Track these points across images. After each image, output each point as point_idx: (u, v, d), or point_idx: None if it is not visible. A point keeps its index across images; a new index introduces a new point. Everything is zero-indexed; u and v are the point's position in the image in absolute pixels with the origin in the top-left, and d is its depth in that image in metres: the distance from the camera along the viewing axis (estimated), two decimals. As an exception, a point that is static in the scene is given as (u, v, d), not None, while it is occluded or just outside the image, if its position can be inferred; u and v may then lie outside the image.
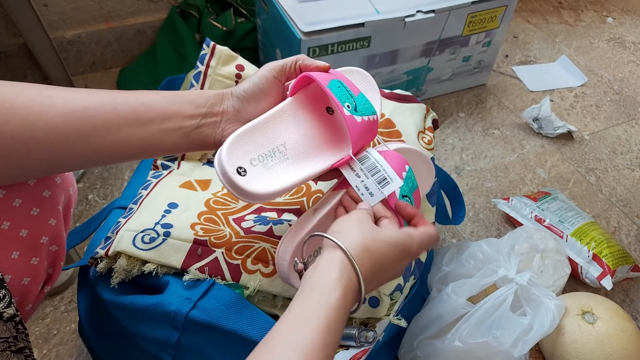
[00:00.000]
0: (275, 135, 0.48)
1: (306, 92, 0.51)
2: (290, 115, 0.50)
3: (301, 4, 0.97)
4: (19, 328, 0.42)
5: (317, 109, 0.52)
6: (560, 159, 1.11)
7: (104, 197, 0.97)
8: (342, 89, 0.49)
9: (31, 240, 0.45)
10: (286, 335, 0.35)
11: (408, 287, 0.59)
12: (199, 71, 0.65)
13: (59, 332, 0.77)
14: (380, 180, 0.49)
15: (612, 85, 1.33)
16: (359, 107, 0.50)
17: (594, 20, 1.57)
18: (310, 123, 0.51)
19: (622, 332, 0.67)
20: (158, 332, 0.51)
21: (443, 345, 0.63)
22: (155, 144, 0.44)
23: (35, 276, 0.46)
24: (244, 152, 0.45)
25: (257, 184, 0.44)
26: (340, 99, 0.48)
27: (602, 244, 0.83)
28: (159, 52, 1.18)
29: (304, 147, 0.50)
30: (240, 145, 0.45)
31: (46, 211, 0.47)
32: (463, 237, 0.94)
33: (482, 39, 1.14)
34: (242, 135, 0.45)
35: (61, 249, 0.50)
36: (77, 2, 1.13)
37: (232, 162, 0.44)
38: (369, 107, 0.51)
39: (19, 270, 0.44)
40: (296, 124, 0.50)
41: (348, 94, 0.49)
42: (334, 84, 0.49)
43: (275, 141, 0.48)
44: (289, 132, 0.49)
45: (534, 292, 0.66)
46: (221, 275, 0.53)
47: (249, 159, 0.45)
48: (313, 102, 0.52)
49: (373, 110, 0.51)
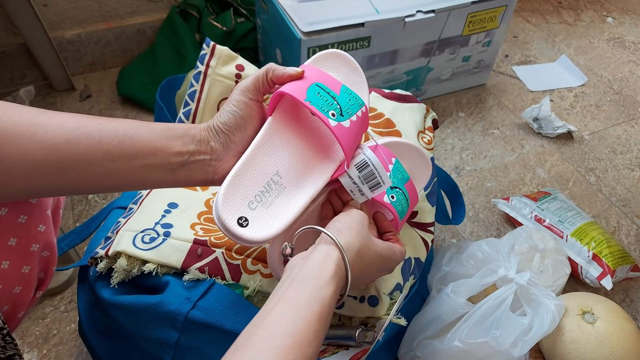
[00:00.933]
0: (266, 166, 0.45)
1: (284, 104, 0.49)
2: (276, 138, 0.47)
3: (301, 4, 0.97)
4: (7, 339, 0.42)
5: (299, 117, 0.50)
6: (560, 159, 1.11)
7: (104, 197, 0.97)
8: (322, 93, 0.46)
9: (21, 248, 0.44)
10: (280, 322, 0.35)
11: (408, 286, 0.59)
12: (199, 71, 0.65)
13: (59, 332, 0.77)
14: (373, 186, 0.49)
15: (612, 85, 1.33)
16: (345, 108, 0.47)
17: (593, 20, 1.57)
18: (297, 137, 0.49)
19: (622, 332, 0.67)
20: (158, 332, 0.51)
21: (443, 345, 0.63)
22: (137, 178, 0.43)
23: (27, 284, 0.45)
24: (240, 198, 0.43)
25: (263, 229, 0.43)
26: (323, 108, 0.46)
27: (602, 243, 0.83)
28: (158, 52, 1.18)
29: (297, 167, 0.47)
30: (234, 193, 0.43)
31: (34, 218, 0.45)
32: (463, 237, 0.94)
33: (482, 38, 1.14)
34: (233, 181, 0.43)
35: (52, 253, 0.49)
36: (77, 2, 1.13)
37: (231, 214, 0.42)
38: (354, 101, 0.48)
39: (9, 280, 0.43)
40: (284, 145, 0.47)
41: (330, 98, 0.47)
42: (312, 92, 0.46)
43: (267, 173, 0.45)
44: (278, 157, 0.46)
45: (533, 292, 0.66)
46: (221, 275, 0.53)
47: (246, 204, 0.43)
48: (294, 111, 0.50)
49: (360, 102, 0.49)
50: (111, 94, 1.19)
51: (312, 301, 0.37)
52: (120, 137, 0.41)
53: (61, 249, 0.62)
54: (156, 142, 0.42)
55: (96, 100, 1.17)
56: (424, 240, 0.64)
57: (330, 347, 0.56)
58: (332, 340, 0.56)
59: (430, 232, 0.65)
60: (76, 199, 0.96)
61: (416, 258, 0.61)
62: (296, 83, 0.47)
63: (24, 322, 0.78)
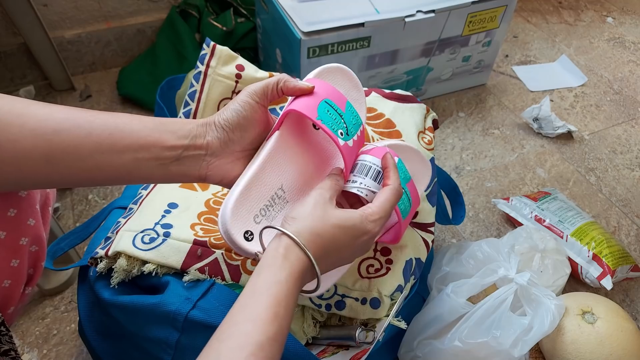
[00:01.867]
0: (272, 181, 0.46)
1: (291, 118, 0.49)
2: (282, 154, 0.48)
3: (301, 3, 0.97)
4: (1, 330, 0.42)
5: (303, 132, 0.51)
6: (560, 159, 1.11)
7: (104, 197, 0.97)
8: (331, 111, 0.47)
9: (10, 242, 0.44)
10: (241, 311, 0.37)
11: (408, 287, 0.59)
12: (199, 71, 0.65)
13: (59, 332, 0.77)
14: (374, 175, 0.49)
15: (612, 85, 1.33)
16: (349, 125, 0.48)
17: (593, 20, 1.57)
18: (302, 153, 0.50)
19: (622, 332, 0.67)
20: (158, 332, 0.51)
21: (443, 345, 0.63)
22: (128, 172, 0.42)
23: (16, 278, 0.45)
24: (246, 212, 0.44)
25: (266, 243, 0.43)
26: (333, 127, 0.46)
27: (602, 243, 0.83)
28: (158, 52, 1.18)
29: (299, 182, 0.49)
30: (241, 207, 0.43)
31: (24, 211, 0.46)
32: (463, 237, 0.94)
33: (482, 38, 1.14)
34: (242, 195, 0.44)
35: (41, 249, 0.49)
36: (77, 2, 1.13)
37: (238, 228, 0.43)
38: (356, 120, 0.50)
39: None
40: (289, 161, 0.48)
41: (337, 116, 0.47)
42: (322, 110, 0.46)
43: (273, 188, 0.46)
44: (283, 172, 0.47)
45: (534, 292, 0.66)
46: (221, 275, 0.53)
47: (252, 218, 0.44)
48: (298, 126, 0.50)
49: (360, 121, 0.50)
50: (111, 94, 1.19)
51: (268, 286, 0.38)
52: (111, 129, 0.41)
53: (61, 249, 0.62)
54: (148, 135, 0.42)
55: (96, 100, 1.17)
56: (425, 240, 0.64)
57: (330, 347, 0.56)
58: (332, 340, 0.56)
59: (431, 232, 0.65)
60: (76, 199, 0.96)
61: (417, 258, 0.61)
62: (306, 99, 0.47)
63: (24, 322, 0.78)
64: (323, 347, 0.56)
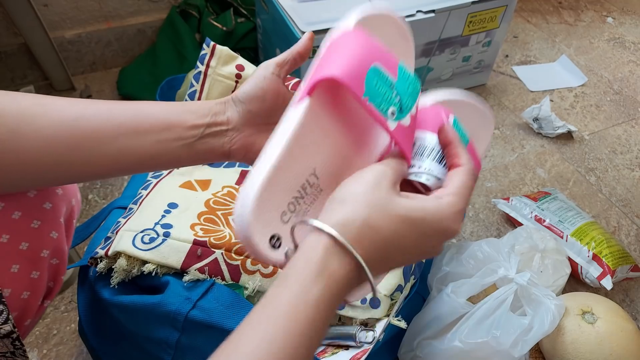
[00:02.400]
0: (304, 163, 0.35)
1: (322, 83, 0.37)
2: (315, 126, 0.36)
3: (301, 4, 0.97)
4: (16, 344, 0.42)
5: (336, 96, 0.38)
6: (560, 159, 1.11)
7: (104, 197, 0.97)
8: (380, 84, 0.35)
9: (31, 253, 0.44)
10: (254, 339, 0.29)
11: (408, 287, 0.59)
12: (199, 71, 0.65)
13: (59, 332, 0.77)
14: (439, 157, 0.38)
15: (612, 85, 1.33)
16: (405, 100, 0.36)
17: (593, 20, 1.57)
18: (337, 122, 0.38)
19: (622, 332, 0.67)
20: (158, 332, 0.51)
21: (443, 345, 0.63)
22: (152, 156, 0.41)
23: (35, 290, 0.45)
24: (273, 209, 0.33)
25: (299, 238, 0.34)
26: (382, 107, 0.35)
27: (602, 243, 0.83)
28: (159, 52, 1.18)
29: (336, 164, 0.37)
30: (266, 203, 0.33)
31: (47, 224, 0.45)
32: (463, 237, 0.94)
33: (482, 39, 1.14)
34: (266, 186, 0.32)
35: (62, 262, 0.49)
36: (77, 2, 1.13)
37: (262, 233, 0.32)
38: (413, 88, 0.37)
39: (18, 284, 0.43)
40: (323, 135, 0.37)
41: (389, 89, 0.35)
42: (370, 82, 0.34)
43: (304, 172, 0.35)
44: (317, 150, 0.36)
45: (534, 292, 0.66)
46: (221, 275, 0.53)
47: (279, 216, 0.34)
48: (331, 90, 0.38)
49: (418, 87, 0.38)
50: (112, 94, 1.19)
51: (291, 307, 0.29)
52: (132, 113, 0.41)
53: (61, 249, 0.62)
54: (168, 116, 0.42)
55: (96, 100, 1.18)
56: (424, 240, 0.63)
57: (330, 347, 0.56)
58: (332, 340, 0.56)
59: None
60: (76, 199, 0.96)
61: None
62: (348, 61, 0.34)
63: (24, 322, 0.78)
64: (323, 347, 0.56)
